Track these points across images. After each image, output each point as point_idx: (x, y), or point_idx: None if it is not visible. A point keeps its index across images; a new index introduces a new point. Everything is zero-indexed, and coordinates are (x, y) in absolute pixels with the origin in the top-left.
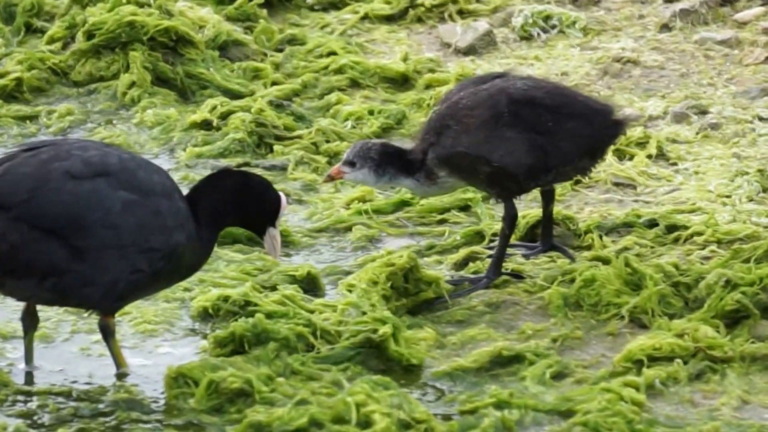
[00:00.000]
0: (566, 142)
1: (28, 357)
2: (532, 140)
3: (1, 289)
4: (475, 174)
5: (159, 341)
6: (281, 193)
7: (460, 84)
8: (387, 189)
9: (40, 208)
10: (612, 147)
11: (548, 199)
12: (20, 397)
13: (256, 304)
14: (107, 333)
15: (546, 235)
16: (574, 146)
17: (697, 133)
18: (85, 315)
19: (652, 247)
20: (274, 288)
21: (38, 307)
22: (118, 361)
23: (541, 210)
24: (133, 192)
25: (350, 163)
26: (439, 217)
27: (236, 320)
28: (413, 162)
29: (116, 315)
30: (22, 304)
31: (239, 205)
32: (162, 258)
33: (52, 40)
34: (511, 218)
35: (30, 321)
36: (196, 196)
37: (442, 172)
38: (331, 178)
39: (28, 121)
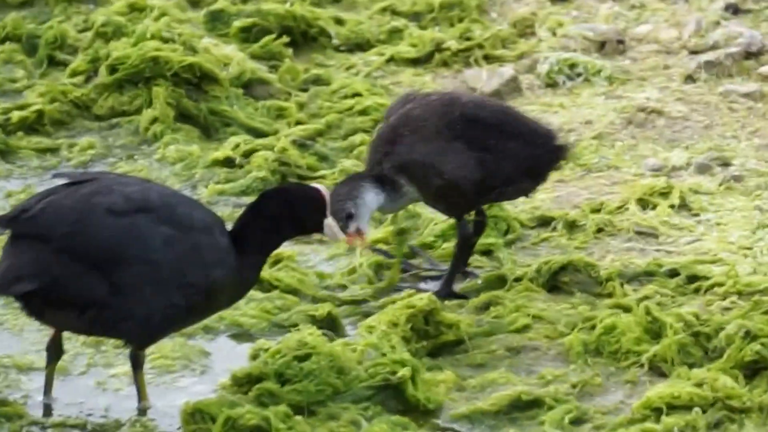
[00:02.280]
0: (508, 161)
1: (48, 388)
2: (479, 156)
3: (41, 318)
4: (426, 185)
5: (176, 377)
6: (316, 186)
7: (399, 100)
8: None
9: (80, 242)
10: (554, 171)
11: (476, 230)
12: (35, 429)
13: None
14: (137, 364)
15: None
16: (515, 166)
17: (720, 185)
18: (118, 347)
19: (672, 297)
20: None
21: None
22: (142, 393)
23: (561, 256)
24: (173, 227)
25: (348, 217)
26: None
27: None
28: (379, 178)
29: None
30: (39, 337)
31: (292, 218)
32: (198, 293)
33: (74, 74)
34: (463, 238)
35: (55, 351)
36: (241, 225)
37: (403, 179)
38: (362, 243)
39: (48, 154)
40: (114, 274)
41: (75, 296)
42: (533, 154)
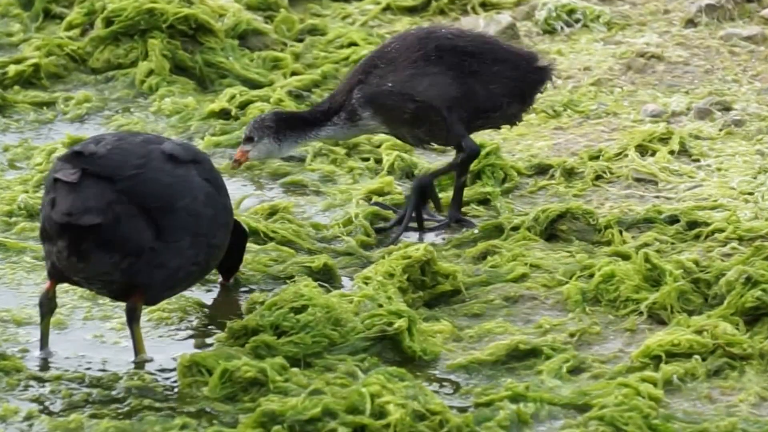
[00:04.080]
0: (495, 84)
1: (44, 342)
2: (456, 76)
3: (82, 260)
4: (400, 113)
5: (173, 329)
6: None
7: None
8: (294, 152)
9: (143, 184)
10: (538, 94)
11: (460, 170)
12: (33, 383)
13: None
14: (133, 317)
15: (453, 207)
16: (503, 89)
17: (721, 130)
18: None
19: (672, 243)
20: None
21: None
22: (138, 347)
23: (559, 204)
24: (211, 184)
25: (248, 139)
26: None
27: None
28: (324, 113)
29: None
30: (37, 291)
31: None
32: (215, 254)
33: (70, 27)
34: (470, 155)
35: (48, 305)
36: None
37: (366, 112)
38: (238, 163)
39: (45, 108)
40: (162, 220)
41: (127, 238)
42: (519, 76)
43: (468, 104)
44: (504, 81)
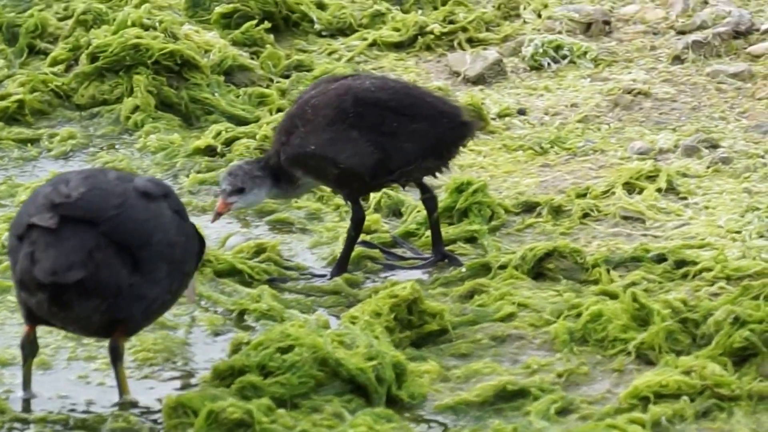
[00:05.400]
0: (409, 143)
1: (26, 384)
2: (375, 141)
3: (64, 311)
4: (324, 174)
5: (158, 370)
6: None
7: (313, 84)
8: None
9: (123, 224)
10: (460, 148)
11: (430, 207)
12: (17, 425)
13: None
14: (117, 355)
15: (436, 245)
16: (416, 147)
17: (708, 167)
18: (100, 340)
19: (660, 283)
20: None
21: (38, 334)
22: (123, 387)
23: (546, 243)
24: (179, 215)
25: (239, 191)
26: (445, 249)
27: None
28: (276, 169)
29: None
30: (20, 330)
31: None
32: (186, 282)
33: (55, 62)
34: (357, 221)
35: (30, 348)
36: None
37: (298, 172)
38: (219, 215)
39: (29, 144)
40: (140, 255)
41: (107, 282)
42: (435, 134)
43: (385, 167)
44: (421, 139)
